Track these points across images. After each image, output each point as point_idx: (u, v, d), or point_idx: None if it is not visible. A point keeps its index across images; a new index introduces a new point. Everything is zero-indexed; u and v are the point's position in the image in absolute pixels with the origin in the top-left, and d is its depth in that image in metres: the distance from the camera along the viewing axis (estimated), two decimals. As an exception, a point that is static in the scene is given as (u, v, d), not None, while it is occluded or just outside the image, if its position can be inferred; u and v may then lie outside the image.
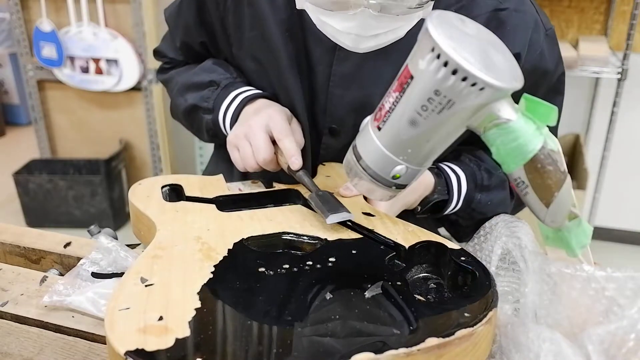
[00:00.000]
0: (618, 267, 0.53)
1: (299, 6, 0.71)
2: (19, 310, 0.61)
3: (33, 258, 0.74)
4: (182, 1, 0.89)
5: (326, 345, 0.44)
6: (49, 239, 0.75)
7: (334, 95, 0.80)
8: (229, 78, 0.86)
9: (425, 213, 0.82)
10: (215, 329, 0.45)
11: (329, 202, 0.65)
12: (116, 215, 2.60)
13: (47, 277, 0.67)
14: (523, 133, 0.51)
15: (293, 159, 0.72)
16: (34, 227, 1.92)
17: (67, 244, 0.74)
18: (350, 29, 0.66)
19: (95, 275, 0.64)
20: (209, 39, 0.89)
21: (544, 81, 0.80)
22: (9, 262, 0.74)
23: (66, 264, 0.72)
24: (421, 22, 0.70)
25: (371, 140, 0.56)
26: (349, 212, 0.63)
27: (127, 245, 0.70)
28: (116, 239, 0.72)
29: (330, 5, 0.65)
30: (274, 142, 0.75)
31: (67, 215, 2.59)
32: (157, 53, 1.01)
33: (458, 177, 0.81)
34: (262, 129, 0.75)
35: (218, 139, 0.89)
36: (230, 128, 0.82)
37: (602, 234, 2.51)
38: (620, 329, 0.48)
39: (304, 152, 0.76)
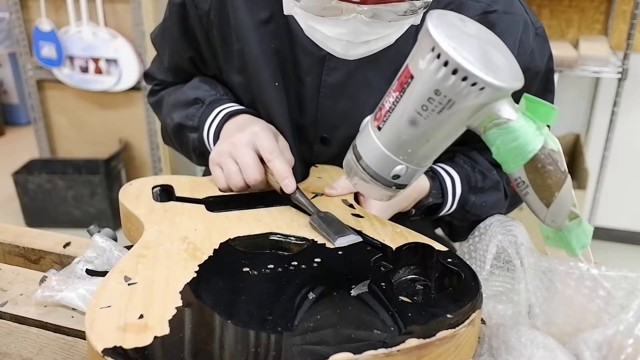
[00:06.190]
0: (613, 266, 0.52)
1: (286, 12, 0.69)
2: (19, 310, 0.61)
3: (32, 258, 0.74)
4: (166, 19, 0.88)
5: (305, 346, 0.43)
6: (49, 239, 0.75)
7: (324, 105, 0.80)
8: (213, 95, 0.84)
9: (419, 216, 0.81)
10: (195, 327, 0.45)
11: (334, 224, 0.64)
12: (116, 215, 2.59)
13: (46, 277, 0.66)
14: (523, 133, 0.51)
15: (286, 182, 0.69)
16: (34, 227, 1.92)
17: (67, 244, 0.74)
18: (341, 36, 0.65)
19: (90, 272, 0.64)
20: (196, 54, 0.88)
21: (534, 81, 0.80)
22: (8, 262, 0.74)
23: (65, 264, 0.72)
24: (411, 29, 0.70)
25: (371, 140, 0.55)
26: (357, 235, 0.62)
27: (126, 247, 0.70)
28: (115, 239, 0.72)
29: (321, 11, 0.63)
30: (261, 160, 0.73)
31: (67, 215, 2.59)
32: (147, 76, 0.99)
33: (453, 179, 0.80)
34: (249, 147, 0.72)
35: (205, 159, 0.85)
36: (214, 146, 0.80)
37: (602, 234, 2.51)
38: (618, 334, 0.48)
39: (293, 170, 0.73)
